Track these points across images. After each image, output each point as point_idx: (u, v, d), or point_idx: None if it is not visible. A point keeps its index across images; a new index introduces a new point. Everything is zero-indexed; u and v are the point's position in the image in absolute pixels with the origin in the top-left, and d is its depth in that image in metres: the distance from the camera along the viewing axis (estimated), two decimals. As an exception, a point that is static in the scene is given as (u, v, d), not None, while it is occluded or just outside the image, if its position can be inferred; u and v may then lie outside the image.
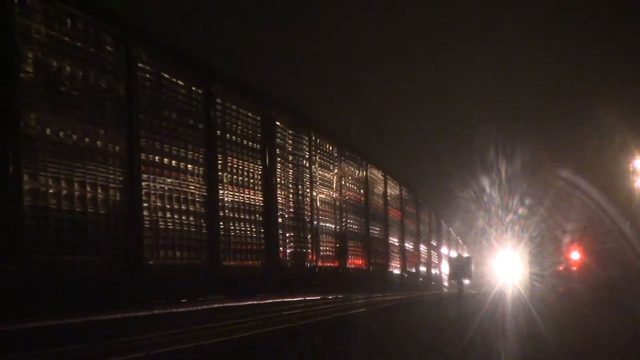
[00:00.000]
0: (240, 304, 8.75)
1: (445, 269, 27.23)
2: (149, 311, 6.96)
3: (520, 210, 28.91)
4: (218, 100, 9.11)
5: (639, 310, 13.96)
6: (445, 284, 27.25)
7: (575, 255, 21.16)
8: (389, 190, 18.07)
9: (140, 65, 7.44)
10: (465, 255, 32.46)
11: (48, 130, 6.07)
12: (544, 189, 24.81)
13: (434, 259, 26.41)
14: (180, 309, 7.61)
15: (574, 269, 20.86)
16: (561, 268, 21.50)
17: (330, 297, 12.01)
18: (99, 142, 6.68)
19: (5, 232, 5.57)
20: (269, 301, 9.61)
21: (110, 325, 6.33)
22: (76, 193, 6.36)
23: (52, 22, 6.14)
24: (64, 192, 6.22)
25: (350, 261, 13.96)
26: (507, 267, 32.09)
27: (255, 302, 9.15)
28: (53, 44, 6.14)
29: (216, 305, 8.36)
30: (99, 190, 6.66)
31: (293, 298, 10.58)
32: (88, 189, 6.51)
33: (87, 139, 6.52)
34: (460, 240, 40.11)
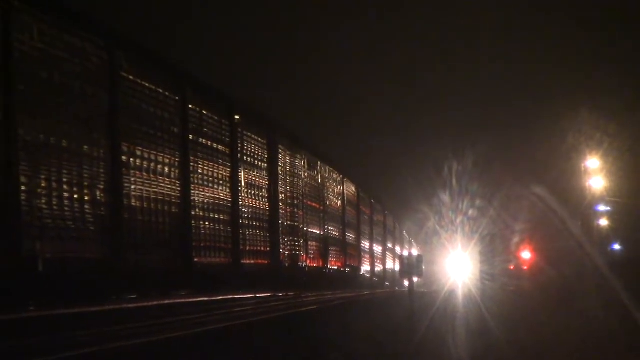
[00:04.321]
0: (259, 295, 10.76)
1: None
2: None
3: (471, 211, 28.56)
4: (239, 129, 11.13)
5: (589, 308, 13.87)
6: (406, 283, 29.06)
7: (526, 254, 21.58)
8: (360, 201, 20.21)
9: (190, 106, 9.46)
10: (416, 253, 32.59)
11: (131, 160, 8.05)
12: (494, 190, 25.00)
13: (397, 262, 28.55)
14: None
15: (525, 268, 21.39)
16: (512, 267, 22.06)
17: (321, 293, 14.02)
18: (166, 168, 8.68)
19: (111, 237, 7.53)
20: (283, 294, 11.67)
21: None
22: (152, 207, 8.35)
23: (141, 78, 8.12)
24: (145, 206, 8.20)
25: (331, 262, 16.06)
26: (458, 266, 31.48)
27: (272, 293, 11.18)
28: (142, 97, 8.14)
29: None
30: (165, 205, 8.65)
31: (290, 293, 12.62)
32: (159, 204, 8.51)
33: (159, 166, 8.52)
34: (412, 241, 41.39)
